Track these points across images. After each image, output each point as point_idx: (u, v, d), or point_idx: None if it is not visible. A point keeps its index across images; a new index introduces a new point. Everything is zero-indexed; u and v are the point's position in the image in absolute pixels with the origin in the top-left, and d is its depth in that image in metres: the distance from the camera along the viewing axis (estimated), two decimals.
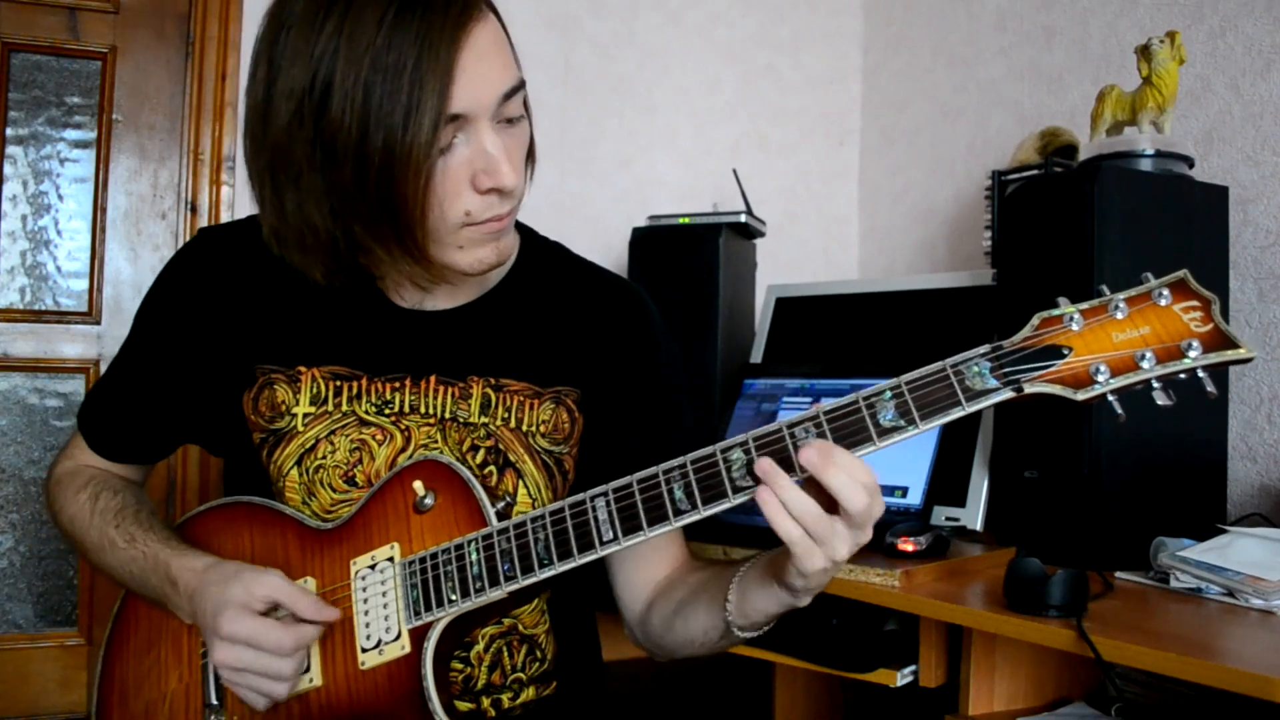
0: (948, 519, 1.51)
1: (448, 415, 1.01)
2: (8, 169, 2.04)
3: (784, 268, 2.36)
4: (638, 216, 2.07)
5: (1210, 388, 0.74)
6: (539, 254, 1.10)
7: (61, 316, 2.08)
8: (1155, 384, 0.74)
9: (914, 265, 2.33)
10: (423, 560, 0.90)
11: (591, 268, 1.12)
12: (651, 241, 1.93)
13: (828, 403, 0.80)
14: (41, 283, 2.08)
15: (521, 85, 0.90)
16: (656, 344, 1.09)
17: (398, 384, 1.01)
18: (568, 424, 1.04)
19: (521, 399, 1.02)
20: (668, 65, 2.39)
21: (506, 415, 1.02)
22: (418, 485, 0.93)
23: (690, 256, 1.88)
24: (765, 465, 0.78)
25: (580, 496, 0.86)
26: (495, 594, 0.87)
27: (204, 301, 1.03)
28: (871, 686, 1.27)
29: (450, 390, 1.01)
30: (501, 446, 1.01)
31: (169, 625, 0.98)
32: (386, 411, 1.00)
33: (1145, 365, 0.74)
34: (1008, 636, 1.08)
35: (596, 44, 2.33)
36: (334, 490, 0.99)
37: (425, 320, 1.03)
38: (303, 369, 1.00)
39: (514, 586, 0.87)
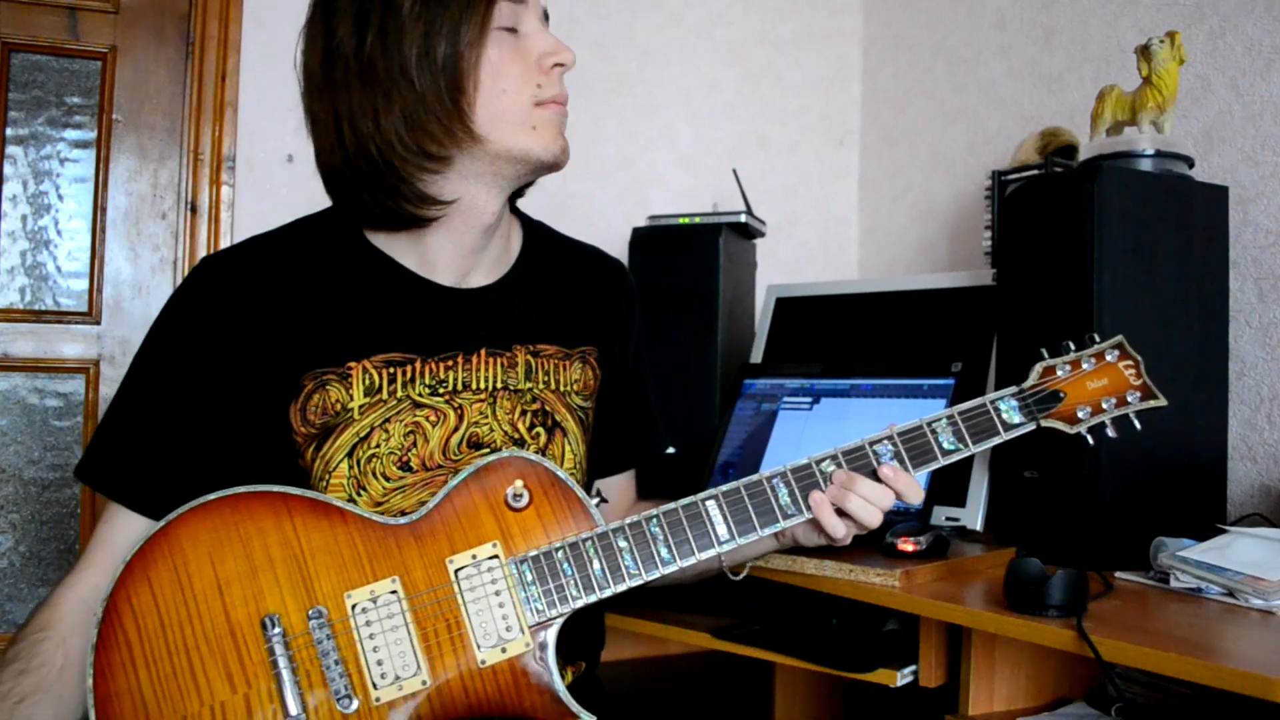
0: (948, 519, 1.51)
1: (499, 386, 1.05)
2: (8, 169, 2.04)
3: (784, 268, 2.36)
4: (638, 216, 2.07)
5: (1136, 425, 1.06)
6: (537, 231, 1.18)
7: (61, 316, 2.08)
8: (1107, 422, 1.05)
9: (914, 265, 2.33)
10: (535, 559, 0.93)
11: (577, 242, 1.23)
12: (651, 241, 1.92)
13: (898, 425, 1.03)
14: (41, 283, 2.08)
15: None
16: (637, 309, 1.24)
17: (450, 362, 1.04)
18: (593, 380, 1.13)
19: (555, 361, 1.09)
20: (668, 65, 2.39)
21: (546, 378, 1.08)
22: (518, 483, 0.95)
23: (690, 256, 1.88)
24: (816, 498, 0.99)
25: (690, 499, 0.96)
26: (619, 588, 0.93)
27: (229, 326, 0.99)
28: (871, 686, 1.27)
29: (499, 360, 1.06)
30: (548, 408, 1.07)
31: (199, 626, 0.88)
32: (440, 391, 1.03)
33: (1106, 408, 1.05)
34: (1008, 636, 1.08)
35: (596, 44, 2.32)
36: (386, 479, 0.99)
37: (471, 297, 1.07)
38: (352, 364, 1.00)
39: (638, 582, 0.94)
